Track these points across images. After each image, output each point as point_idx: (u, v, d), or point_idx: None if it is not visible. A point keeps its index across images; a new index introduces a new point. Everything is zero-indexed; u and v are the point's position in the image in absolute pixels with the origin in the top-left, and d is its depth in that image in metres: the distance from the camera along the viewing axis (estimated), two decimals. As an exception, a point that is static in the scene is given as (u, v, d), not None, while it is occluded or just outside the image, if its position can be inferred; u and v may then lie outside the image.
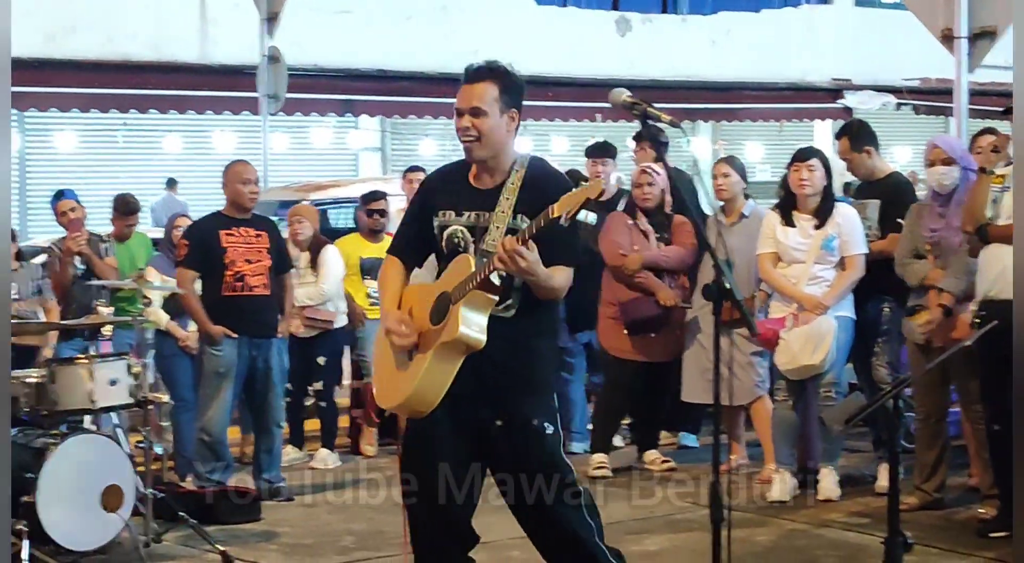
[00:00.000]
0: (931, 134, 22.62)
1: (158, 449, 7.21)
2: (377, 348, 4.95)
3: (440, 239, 4.83)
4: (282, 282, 8.31)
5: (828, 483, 7.78)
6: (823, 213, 7.74)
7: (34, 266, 8.74)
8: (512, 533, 7.03)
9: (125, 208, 9.61)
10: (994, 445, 6.84)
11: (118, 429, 7.64)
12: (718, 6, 21.86)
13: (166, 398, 7.77)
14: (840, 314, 7.70)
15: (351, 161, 20.82)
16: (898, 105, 21.92)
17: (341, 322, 9.38)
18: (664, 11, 22.08)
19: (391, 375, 4.79)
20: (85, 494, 6.60)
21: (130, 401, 7.03)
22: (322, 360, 9.34)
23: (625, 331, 8.58)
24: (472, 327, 4.55)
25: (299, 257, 9.23)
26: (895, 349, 7.92)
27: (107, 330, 8.90)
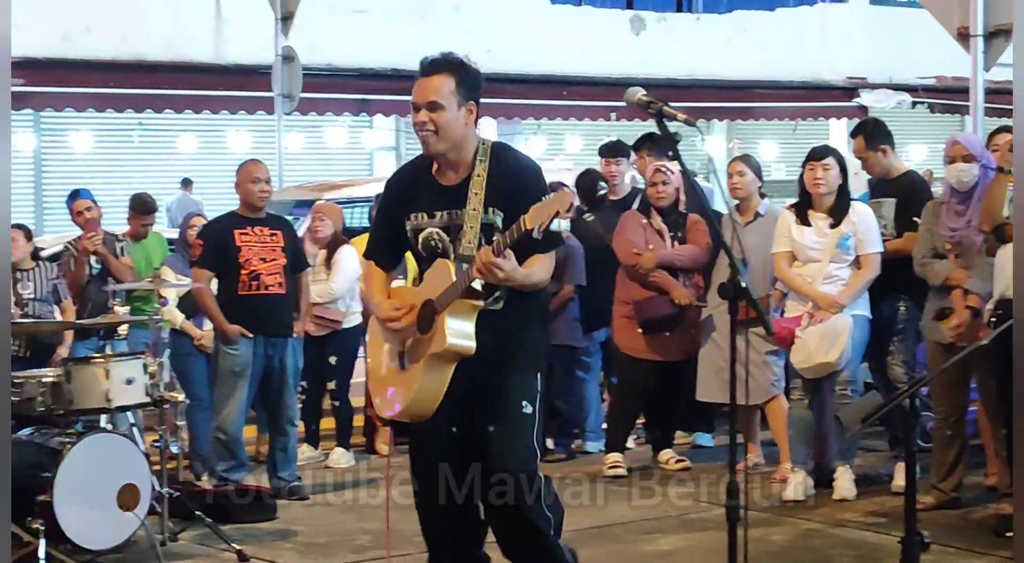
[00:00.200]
0: (946, 133, 22.51)
1: (174, 448, 7.23)
2: (370, 357, 4.97)
3: (416, 242, 4.82)
4: (298, 281, 8.32)
5: (844, 482, 7.77)
6: (838, 212, 7.73)
7: (50, 265, 8.75)
8: (527, 532, 7.08)
9: (142, 207, 9.62)
10: (1012, 444, 6.80)
11: (134, 428, 7.66)
12: (733, 5, 21.79)
13: (182, 397, 7.78)
14: (856, 313, 7.68)
15: (366, 160, 20.83)
16: (913, 104, 21.83)
17: (354, 321, 9.36)
18: (679, 10, 22.03)
19: (386, 385, 4.83)
20: (101, 493, 6.61)
21: (146, 400, 7.04)
22: (333, 359, 9.34)
23: (639, 330, 8.57)
24: (459, 336, 4.58)
25: (316, 255, 9.23)
26: (911, 348, 7.90)
27: (123, 329, 8.92)
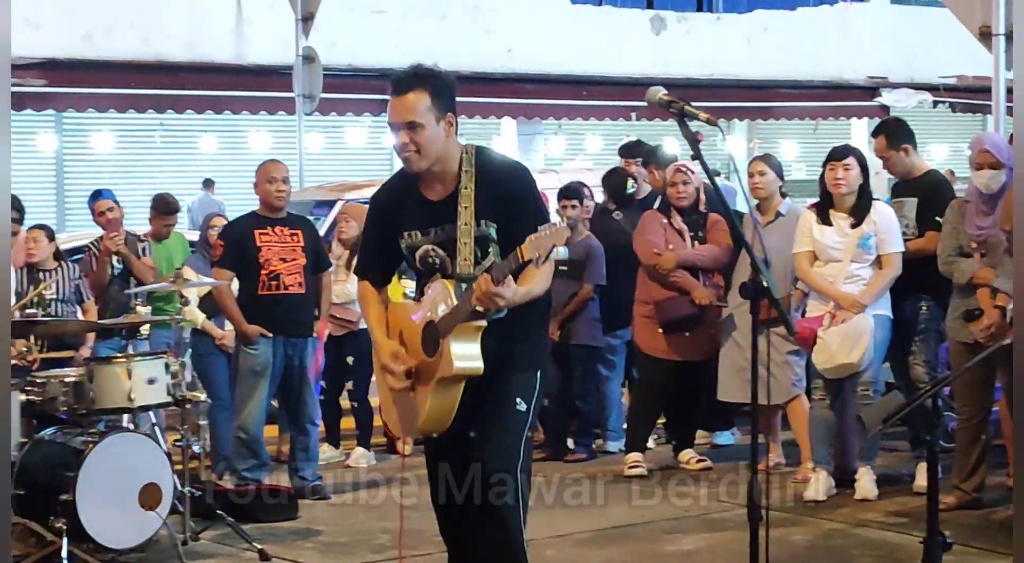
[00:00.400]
0: (968, 132, 22.48)
1: (196, 448, 7.23)
2: (378, 376, 4.96)
3: (413, 260, 4.78)
4: (319, 281, 8.33)
5: (865, 482, 7.75)
6: (859, 211, 7.71)
7: (72, 266, 8.78)
8: (547, 532, 7.09)
9: (165, 208, 9.65)
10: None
11: (156, 428, 7.69)
12: (753, 4, 21.77)
13: (203, 397, 7.81)
14: (877, 312, 7.67)
15: (386, 161, 20.82)
16: (935, 103, 21.78)
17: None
18: (699, 9, 22.04)
19: (398, 406, 4.83)
20: (123, 492, 6.63)
21: (168, 400, 7.06)
22: (351, 360, 9.33)
23: (660, 330, 8.57)
24: (466, 359, 4.56)
25: (341, 256, 9.24)
26: (932, 348, 7.88)
27: (144, 329, 8.95)
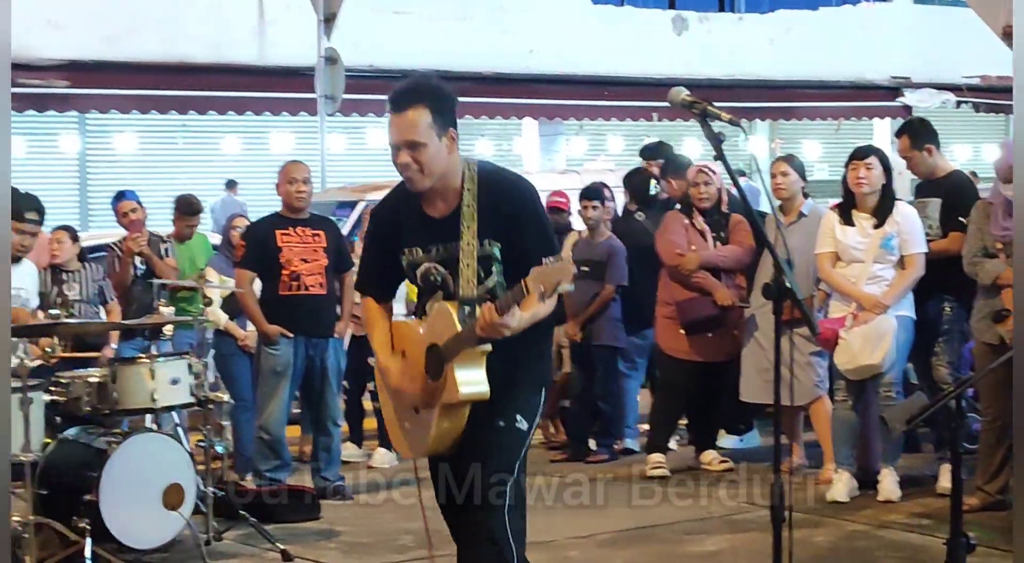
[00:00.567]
0: (991, 133, 22.33)
1: (219, 448, 7.25)
2: (383, 395, 4.95)
3: (415, 277, 4.72)
4: (342, 281, 8.34)
5: (888, 484, 7.73)
6: (882, 212, 7.69)
7: (96, 267, 8.81)
8: (570, 533, 7.09)
9: (188, 208, 9.67)
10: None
11: (179, 428, 7.70)
12: (775, 4, 21.72)
13: (226, 397, 7.83)
14: (900, 313, 7.64)
15: (407, 162, 20.86)
16: (958, 103, 21.70)
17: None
18: (721, 10, 21.99)
19: (404, 427, 4.79)
20: (147, 492, 6.65)
21: (191, 400, 7.08)
22: (372, 360, 9.31)
23: (682, 331, 8.56)
24: (471, 385, 4.49)
25: (364, 256, 9.24)
26: (956, 349, 7.85)
27: (168, 330, 8.96)
